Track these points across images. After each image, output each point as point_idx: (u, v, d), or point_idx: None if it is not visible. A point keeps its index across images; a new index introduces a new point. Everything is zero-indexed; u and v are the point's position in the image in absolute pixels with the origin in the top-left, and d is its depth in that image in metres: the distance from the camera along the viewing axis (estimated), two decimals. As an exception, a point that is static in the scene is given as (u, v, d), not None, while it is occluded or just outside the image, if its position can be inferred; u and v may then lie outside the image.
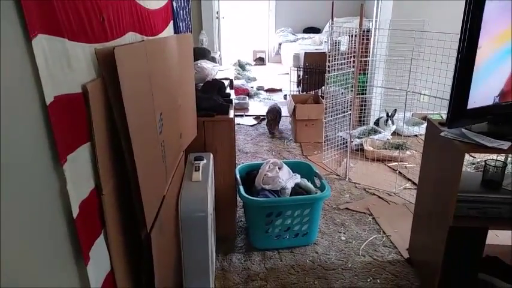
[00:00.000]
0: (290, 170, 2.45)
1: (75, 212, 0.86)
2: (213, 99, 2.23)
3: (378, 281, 1.99)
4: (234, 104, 2.38)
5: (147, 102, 1.25)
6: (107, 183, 1.03)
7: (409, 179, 3.08)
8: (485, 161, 1.80)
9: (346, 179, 3.11)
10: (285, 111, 4.54)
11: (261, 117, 4.71)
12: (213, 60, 3.17)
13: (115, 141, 1.09)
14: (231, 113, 2.17)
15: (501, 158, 2.08)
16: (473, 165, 3.16)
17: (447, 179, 1.70)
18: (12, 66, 0.68)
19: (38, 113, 0.76)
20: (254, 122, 4.59)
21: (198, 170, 1.78)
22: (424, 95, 2.81)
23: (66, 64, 0.84)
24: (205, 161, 1.88)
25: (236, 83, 5.27)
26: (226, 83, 2.68)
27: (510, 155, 2.07)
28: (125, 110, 1.01)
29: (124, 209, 1.15)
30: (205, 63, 2.69)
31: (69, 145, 0.85)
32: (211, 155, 2.01)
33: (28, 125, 0.73)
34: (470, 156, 3.34)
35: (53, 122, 0.78)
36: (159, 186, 1.38)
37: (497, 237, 2.16)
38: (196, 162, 1.85)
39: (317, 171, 2.48)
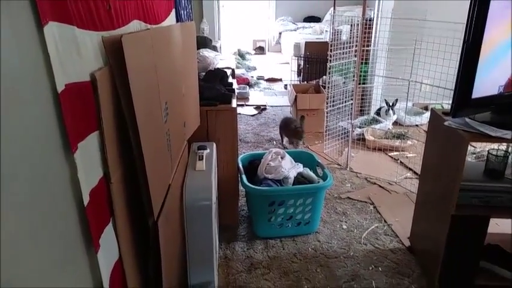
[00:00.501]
0: (292, 160, 2.45)
1: (86, 200, 0.86)
2: (216, 88, 2.22)
3: (380, 268, 2.01)
4: (236, 93, 2.38)
5: (153, 91, 1.25)
6: (115, 172, 1.03)
7: (410, 169, 3.09)
8: (488, 150, 1.81)
9: (348, 169, 3.13)
10: (285, 102, 4.54)
11: (262, 107, 4.71)
12: (214, 49, 3.16)
13: (122, 130, 1.09)
14: (234, 102, 2.17)
15: (503, 147, 2.09)
16: (474, 155, 3.17)
17: (450, 168, 1.71)
18: (25, 54, 0.68)
19: (50, 101, 0.76)
20: (255, 111, 4.59)
21: (202, 159, 1.79)
22: (426, 84, 2.80)
23: (75, 52, 0.84)
24: (208, 151, 1.89)
25: (236, 72, 5.25)
26: (228, 72, 2.67)
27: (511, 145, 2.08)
28: (132, 99, 1.01)
29: (131, 198, 1.16)
30: (207, 52, 2.68)
31: (79, 133, 0.85)
32: (214, 145, 2.02)
33: (40, 113, 0.73)
34: (471, 146, 3.35)
35: (64, 110, 0.78)
36: (165, 174, 1.39)
37: (497, 226, 2.18)
38: (199, 151, 1.86)
39: (319, 160, 2.49)
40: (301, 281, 1.91)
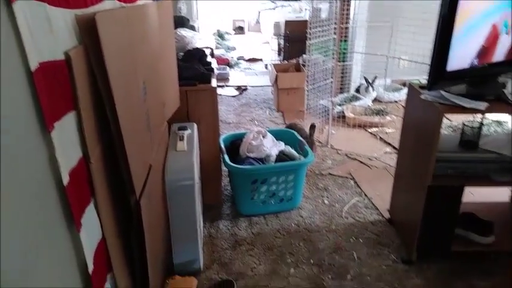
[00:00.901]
0: (274, 138, 2.47)
1: (66, 179, 0.86)
2: (195, 68, 2.20)
3: (361, 240, 2.07)
4: (216, 73, 2.36)
5: (130, 70, 1.23)
6: (94, 152, 1.03)
7: (389, 144, 3.15)
8: (463, 122, 1.86)
9: (329, 146, 3.17)
10: (267, 81, 4.52)
11: (243, 88, 4.69)
12: (192, 28, 3.11)
13: (100, 109, 1.08)
14: (214, 82, 2.16)
15: (479, 119, 2.14)
16: (451, 129, 3.25)
17: (427, 140, 1.75)
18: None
19: (24, 80, 0.74)
20: (236, 92, 4.57)
21: (183, 139, 1.79)
22: (404, 60, 2.84)
23: (48, 30, 0.82)
24: (189, 131, 1.89)
25: (216, 53, 5.19)
26: (207, 51, 2.65)
27: (486, 116, 2.14)
28: (109, 78, 1.00)
29: (113, 178, 1.16)
30: (185, 32, 2.65)
31: (55, 113, 0.84)
32: (195, 125, 2.02)
33: (14, 93, 0.72)
34: (448, 119, 3.43)
35: (38, 89, 0.77)
36: (145, 154, 1.39)
37: (472, 196, 2.26)
38: (180, 132, 1.85)
39: (300, 138, 2.52)
40: (284, 255, 1.96)
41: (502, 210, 2.17)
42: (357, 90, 4.04)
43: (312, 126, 2.92)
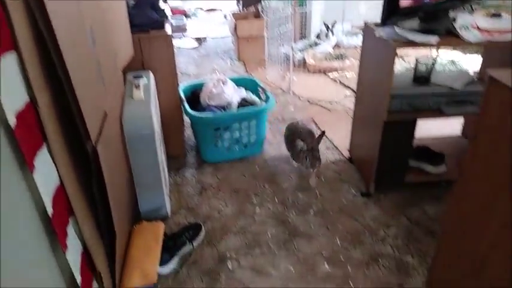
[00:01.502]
0: (235, 85, 2.46)
1: (12, 122, 0.83)
2: (147, 15, 2.11)
3: (323, 179, 2.15)
4: (171, 22, 2.28)
5: (73, 14, 1.17)
6: (42, 96, 0.99)
7: (349, 87, 3.21)
8: (416, 58, 1.91)
9: (290, 93, 3.19)
10: (226, 32, 4.41)
11: (202, 39, 4.57)
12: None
13: (48, 56, 1.03)
14: (168, 28, 2.08)
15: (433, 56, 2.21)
16: (407, 70, 3.33)
17: (382, 77, 1.80)
18: None
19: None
20: (195, 44, 4.45)
21: (139, 87, 1.74)
22: None
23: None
24: (145, 79, 1.84)
25: (172, 4, 4.98)
26: (160, -2, 2.53)
27: (442, 56, 2.20)
28: (51, 21, 0.95)
29: (67, 123, 1.13)
30: (134, -23, 2.50)
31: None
32: (151, 73, 1.97)
33: None
34: (404, 60, 3.51)
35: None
36: (99, 100, 1.35)
37: (426, 131, 2.38)
38: (135, 80, 1.80)
39: (261, 84, 2.52)
40: (250, 196, 2.02)
41: (454, 143, 2.30)
42: (318, 37, 4.02)
43: (322, 134, 2.18)
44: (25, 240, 0.89)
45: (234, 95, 2.36)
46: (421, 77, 1.90)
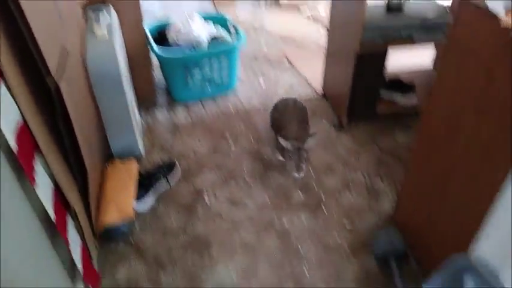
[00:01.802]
0: (205, 23, 2.36)
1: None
2: None
3: (296, 115, 2.15)
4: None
5: None
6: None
7: (322, 24, 3.14)
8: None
9: (263, 31, 3.10)
10: None
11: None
12: None
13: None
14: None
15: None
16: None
17: (354, 10, 1.76)
18: None
19: None
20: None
21: (99, 21, 1.64)
22: None
23: None
24: (105, 14, 1.73)
25: None
26: None
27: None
28: None
29: (26, 59, 1.07)
30: None
31: None
32: (112, 7, 1.85)
33: None
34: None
35: None
36: (56, 33, 1.27)
37: (398, 63, 2.38)
38: (95, 14, 1.69)
39: (232, 21, 2.43)
40: (224, 134, 2.02)
41: (425, 76, 2.32)
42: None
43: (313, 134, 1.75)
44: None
45: (203, 32, 2.27)
46: (393, 8, 1.87)
